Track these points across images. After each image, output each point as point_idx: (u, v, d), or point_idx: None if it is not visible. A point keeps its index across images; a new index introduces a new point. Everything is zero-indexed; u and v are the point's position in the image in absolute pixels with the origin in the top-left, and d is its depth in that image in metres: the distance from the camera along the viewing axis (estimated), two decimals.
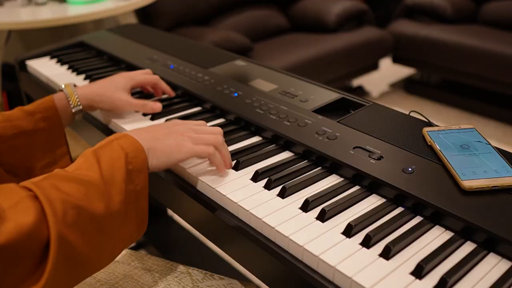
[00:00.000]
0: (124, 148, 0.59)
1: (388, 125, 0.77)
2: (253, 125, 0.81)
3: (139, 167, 0.60)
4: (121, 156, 0.58)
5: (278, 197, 0.64)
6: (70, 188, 0.51)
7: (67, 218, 0.49)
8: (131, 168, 0.58)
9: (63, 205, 0.49)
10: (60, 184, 0.51)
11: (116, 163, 0.57)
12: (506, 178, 0.60)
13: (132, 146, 0.60)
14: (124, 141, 0.61)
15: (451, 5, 2.78)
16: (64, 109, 0.83)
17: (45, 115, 0.80)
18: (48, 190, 0.49)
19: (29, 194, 0.48)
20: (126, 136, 0.62)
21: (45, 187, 0.50)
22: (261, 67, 1.04)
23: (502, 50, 2.40)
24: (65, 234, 0.48)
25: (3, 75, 1.95)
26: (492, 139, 2.37)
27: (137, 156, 0.60)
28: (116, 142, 0.60)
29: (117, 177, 0.56)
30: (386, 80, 3.16)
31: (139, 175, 0.59)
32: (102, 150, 0.59)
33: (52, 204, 0.48)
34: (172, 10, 2.45)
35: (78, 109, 0.84)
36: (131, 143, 0.61)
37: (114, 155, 0.58)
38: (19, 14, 1.80)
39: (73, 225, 0.49)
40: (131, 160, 0.59)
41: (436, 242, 0.55)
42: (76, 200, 0.51)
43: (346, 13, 2.70)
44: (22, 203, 0.47)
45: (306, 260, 0.55)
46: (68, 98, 0.83)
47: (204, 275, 0.72)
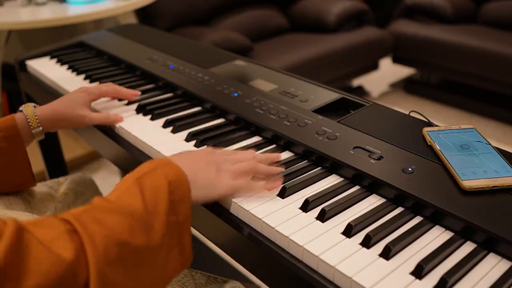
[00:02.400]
0: (167, 177, 0.56)
1: (388, 125, 0.77)
2: (253, 125, 0.81)
3: (182, 197, 0.56)
4: (165, 185, 0.55)
5: (278, 197, 0.64)
6: (112, 222, 0.48)
7: (109, 255, 0.45)
8: (173, 198, 0.55)
9: (105, 241, 0.46)
10: (102, 217, 0.48)
11: (160, 193, 0.54)
12: (506, 178, 0.60)
13: (176, 175, 0.57)
14: (168, 170, 0.57)
15: (451, 5, 2.78)
16: (24, 129, 0.81)
17: (6, 135, 0.78)
18: (89, 224, 0.46)
19: (68, 228, 0.45)
20: (169, 163, 0.59)
21: (86, 220, 0.46)
22: (261, 67, 1.04)
23: (502, 50, 2.40)
24: (107, 272, 0.44)
25: (3, 75, 1.95)
26: (492, 139, 2.37)
27: (181, 186, 0.56)
28: (160, 170, 0.57)
29: (160, 208, 0.53)
30: (386, 80, 3.16)
31: (181, 206, 0.56)
32: (146, 178, 0.55)
33: (93, 240, 0.45)
34: (172, 10, 2.45)
35: (38, 131, 0.82)
36: (174, 172, 0.57)
37: (158, 184, 0.55)
38: (19, 14, 1.80)
39: (115, 262, 0.46)
40: (174, 190, 0.55)
41: (436, 242, 0.55)
42: (118, 235, 0.47)
43: (346, 13, 2.70)
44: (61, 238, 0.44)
45: (306, 260, 0.55)
46: (27, 119, 0.81)
47: (207, 278, 0.72)
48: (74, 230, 0.45)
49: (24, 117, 0.81)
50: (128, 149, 0.82)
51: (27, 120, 0.81)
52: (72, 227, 0.45)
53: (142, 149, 0.81)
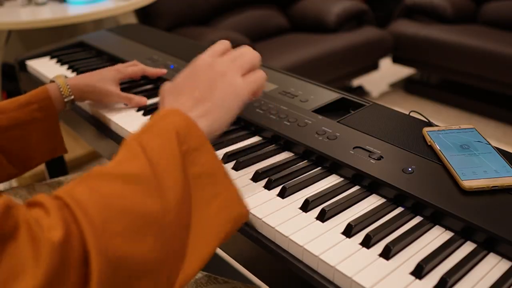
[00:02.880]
0: (173, 127, 0.49)
1: (388, 125, 0.77)
2: (253, 125, 0.81)
3: (196, 145, 0.49)
4: (171, 136, 0.48)
5: (278, 197, 0.64)
6: (111, 188, 0.42)
7: (110, 227, 0.40)
8: (186, 148, 0.48)
9: (103, 211, 0.40)
10: (98, 185, 0.42)
11: (166, 147, 0.47)
12: (506, 178, 0.60)
13: (181, 123, 0.50)
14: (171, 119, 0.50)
15: (451, 5, 2.78)
16: (57, 99, 0.84)
17: (41, 105, 0.81)
18: (83, 196, 0.41)
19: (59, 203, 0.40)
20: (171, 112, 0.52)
21: (78, 193, 0.41)
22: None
23: (502, 50, 2.40)
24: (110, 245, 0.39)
25: (3, 75, 1.95)
26: (492, 139, 2.37)
27: (190, 133, 0.50)
28: (162, 122, 0.50)
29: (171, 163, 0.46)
30: (386, 80, 3.16)
31: (201, 155, 0.49)
32: (147, 136, 0.49)
33: (87, 212, 0.39)
34: (172, 10, 2.45)
35: (70, 99, 0.86)
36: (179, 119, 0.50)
37: (162, 137, 0.48)
38: (19, 14, 1.80)
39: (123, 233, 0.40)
40: (184, 139, 0.49)
41: (436, 242, 0.55)
42: (120, 201, 0.42)
43: (346, 13, 2.70)
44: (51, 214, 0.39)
45: (306, 260, 0.55)
46: (60, 88, 0.85)
47: (208, 278, 0.72)
48: (64, 204, 0.40)
49: (56, 86, 0.85)
50: None
51: (59, 90, 0.85)
52: (62, 201, 0.40)
53: None
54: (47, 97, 0.82)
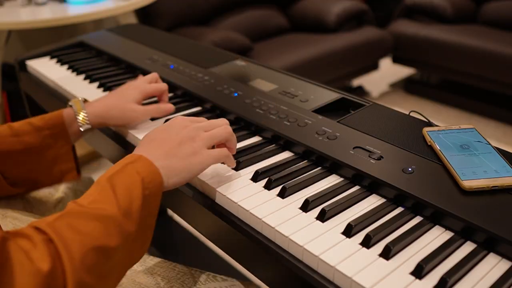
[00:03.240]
0: (139, 172, 0.56)
1: (388, 125, 0.77)
2: (253, 125, 0.81)
3: (155, 191, 0.56)
4: (138, 182, 0.55)
5: (278, 197, 0.64)
6: (87, 227, 0.48)
7: (86, 262, 0.45)
8: (147, 193, 0.55)
9: (81, 248, 0.46)
10: (76, 223, 0.48)
11: (133, 191, 0.54)
12: (506, 178, 0.60)
13: (147, 170, 0.57)
14: (140, 165, 0.57)
15: (451, 5, 2.78)
16: (72, 126, 0.80)
17: (53, 132, 0.78)
18: (65, 232, 0.46)
19: (44, 238, 0.45)
20: (140, 158, 0.58)
21: (60, 228, 0.46)
22: (261, 67, 1.04)
23: (502, 50, 2.40)
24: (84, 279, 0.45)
25: (3, 75, 1.95)
26: (492, 139, 2.37)
27: (153, 180, 0.56)
28: (131, 166, 0.57)
29: (134, 207, 0.53)
30: (386, 80, 3.16)
31: (154, 200, 0.56)
32: (118, 177, 0.55)
33: (69, 248, 0.45)
34: (172, 10, 2.45)
35: (87, 128, 0.81)
36: (146, 167, 0.57)
37: (131, 181, 0.55)
38: (19, 14, 1.80)
39: (92, 268, 0.46)
40: (147, 185, 0.55)
41: (436, 242, 0.55)
42: (94, 240, 0.47)
43: (346, 13, 2.70)
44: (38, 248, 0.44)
45: (306, 260, 0.55)
46: (76, 115, 0.80)
47: (206, 277, 0.72)
48: (49, 239, 0.45)
49: (73, 113, 0.80)
50: (128, 149, 0.83)
51: (75, 117, 0.80)
52: (48, 236, 0.45)
53: None
54: (61, 124, 0.78)
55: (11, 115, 2.02)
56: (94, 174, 2.10)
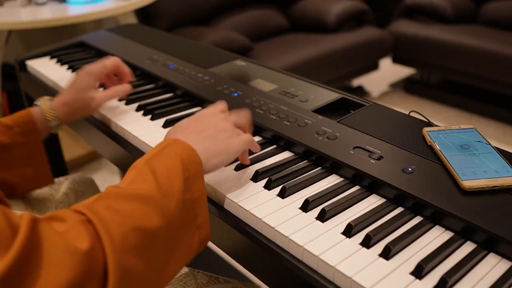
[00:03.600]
0: (178, 154, 0.55)
1: (388, 125, 0.77)
2: (253, 125, 0.81)
3: (196, 173, 0.55)
4: (177, 163, 0.54)
5: (278, 197, 0.64)
6: (127, 207, 0.47)
7: (126, 243, 0.44)
8: (187, 175, 0.54)
9: (121, 228, 0.44)
10: (115, 204, 0.47)
11: (173, 171, 0.53)
12: (506, 178, 0.60)
13: (186, 151, 0.56)
14: (177, 147, 0.56)
15: (451, 5, 2.78)
16: (41, 124, 0.81)
17: (23, 129, 0.78)
18: (103, 213, 0.45)
19: (82, 218, 0.44)
20: (177, 141, 0.58)
21: (99, 209, 0.45)
22: (261, 67, 1.04)
23: (502, 50, 2.40)
24: (125, 260, 0.43)
25: (3, 75, 1.95)
26: (492, 139, 2.37)
27: (193, 161, 0.56)
28: (169, 149, 0.56)
29: (175, 187, 0.52)
30: (386, 80, 3.16)
31: (196, 182, 0.55)
32: (156, 159, 0.54)
33: (108, 229, 0.43)
34: (172, 10, 2.45)
35: (55, 124, 0.82)
36: (184, 148, 0.57)
37: (170, 162, 0.54)
38: (19, 14, 1.80)
39: (134, 249, 0.44)
40: (187, 166, 0.54)
41: (436, 242, 0.55)
42: (135, 220, 0.46)
43: (346, 13, 2.70)
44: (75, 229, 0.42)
45: (306, 260, 0.55)
46: (43, 113, 0.81)
47: (209, 278, 0.72)
48: (88, 220, 0.44)
49: (40, 111, 0.81)
50: (128, 149, 0.83)
51: (43, 114, 0.81)
52: (86, 217, 0.44)
53: (142, 149, 0.81)
54: (30, 121, 0.79)
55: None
56: (94, 174, 2.10)
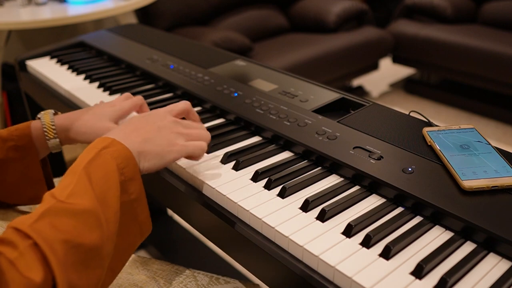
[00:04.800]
0: (114, 157, 0.56)
1: (388, 125, 0.77)
2: (253, 125, 0.81)
3: (131, 175, 0.57)
4: (113, 168, 0.55)
5: (278, 197, 0.64)
6: (68, 225, 0.48)
7: (69, 260, 0.46)
8: (123, 179, 0.56)
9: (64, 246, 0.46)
10: (57, 222, 0.47)
11: (110, 178, 0.54)
12: (506, 178, 0.60)
13: (122, 155, 0.57)
14: (114, 150, 0.57)
15: (451, 5, 2.78)
16: (39, 139, 0.73)
17: (18, 144, 0.71)
18: (47, 233, 0.46)
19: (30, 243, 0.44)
20: (114, 143, 0.58)
21: (42, 230, 0.46)
22: (261, 67, 1.04)
23: (502, 50, 2.40)
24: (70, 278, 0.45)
25: (3, 75, 1.95)
26: (492, 139, 2.37)
27: (128, 164, 0.57)
28: (106, 152, 0.56)
29: (111, 195, 0.53)
30: (386, 80, 3.16)
31: (132, 184, 0.57)
32: (94, 166, 0.54)
33: (54, 249, 0.45)
34: (172, 10, 2.45)
35: (54, 143, 0.73)
36: (121, 151, 0.57)
37: (106, 168, 0.55)
38: (19, 14, 1.80)
39: (76, 264, 0.46)
40: (123, 170, 0.56)
41: (436, 242, 0.55)
42: (75, 237, 0.47)
43: (346, 13, 2.70)
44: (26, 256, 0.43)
45: (306, 260, 0.55)
46: (44, 128, 0.73)
47: (209, 279, 0.72)
48: (34, 243, 0.45)
49: (40, 125, 0.73)
50: None
51: (43, 130, 0.73)
52: (32, 241, 0.45)
53: None
54: (27, 135, 0.72)
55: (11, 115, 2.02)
56: None
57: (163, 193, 0.76)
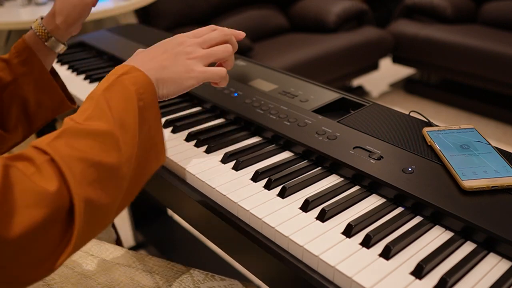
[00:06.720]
0: (133, 83, 0.56)
1: (388, 125, 0.77)
2: (253, 125, 0.81)
3: (150, 102, 0.57)
4: (132, 94, 0.55)
5: (278, 197, 0.64)
6: (85, 145, 0.49)
7: (86, 178, 0.47)
8: (142, 104, 0.56)
9: (81, 165, 0.47)
10: (74, 142, 0.49)
11: (128, 103, 0.55)
12: (506, 178, 0.60)
13: (141, 81, 0.57)
14: (133, 76, 0.58)
15: (451, 5, 2.78)
16: (37, 45, 0.76)
17: (22, 59, 0.74)
18: (64, 151, 0.47)
19: (47, 158, 0.46)
20: (132, 69, 0.59)
21: (60, 147, 0.47)
22: (261, 67, 1.04)
23: (502, 50, 2.40)
24: (87, 194, 0.46)
25: None
26: (492, 139, 2.37)
27: (147, 90, 0.57)
28: (125, 78, 0.57)
29: (130, 119, 0.54)
30: (386, 80, 3.16)
31: (150, 110, 0.57)
32: (112, 91, 0.55)
33: (70, 166, 0.46)
34: (172, 10, 2.45)
35: (52, 42, 0.77)
36: (139, 78, 0.58)
37: (125, 93, 0.55)
38: (19, 14, 1.80)
39: (93, 183, 0.47)
40: (142, 96, 0.56)
41: (436, 242, 0.55)
42: (93, 156, 0.48)
43: (346, 13, 2.70)
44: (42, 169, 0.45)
45: (306, 260, 0.55)
46: (36, 33, 0.76)
47: (205, 276, 0.72)
48: (51, 159, 0.46)
49: (32, 33, 0.76)
50: None
51: (36, 35, 0.76)
52: (49, 156, 0.46)
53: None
54: (25, 48, 0.75)
55: None
56: None
57: (163, 192, 0.76)
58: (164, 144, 0.60)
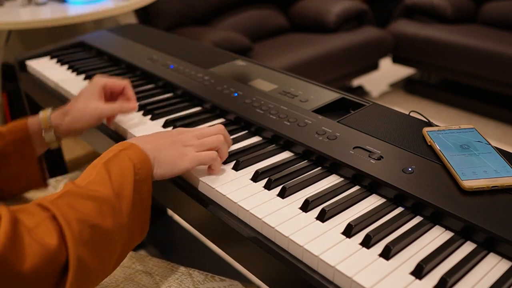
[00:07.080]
0: (132, 159, 0.61)
1: (388, 125, 0.77)
2: (253, 125, 0.81)
3: (145, 177, 0.61)
4: (130, 167, 0.60)
5: (278, 197, 0.64)
6: (85, 207, 0.52)
7: (83, 238, 0.50)
8: (138, 178, 0.60)
9: (79, 225, 0.50)
10: (75, 203, 0.52)
11: (126, 175, 0.59)
12: (506, 178, 0.60)
13: (139, 157, 0.62)
14: (132, 152, 0.62)
15: (451, 5, 2.78)
16: (36, 134, 0.78)
17: (15, 138, 0.77)
18: (65, 210, 0.50)
19: (48, 215, 0.49)
20: (132, 146, 0.63)
21: (61, 206, 0.50)
22: (261, 67, 1.04)
23: (502, 50, 2.40)
24: (82, 254, 0.49)
25: (3, 75, 1.95)
26: (492, 139, 2.37)
27: (144, 166, 0.62)
28: (124, 153, 0.62)
29: (126, 190, 0.58)
30: (386, 80, 3.16)
31: (144, 185, 0.61)
32: (112, 163, 0.60)
33: (70, 224, 0.49)
34: (172, 10, 2.45)
35: (49, 135, 0.79)
36: (138, 154, 0.62)
37: (124, 167, 0.59)
38: (19, 14, 1.80)
39: (88, 244, 0.50)
40: (138, 171, 0.60)
41: (436, 242, 0.55)
42: (91, 218, 0.52)
43: (346, 13, 2.70)
44: (44, 225, 0.48)
45: (306, 260, 0.55)
46: (40, 122, 0.78)
47: (205, 277, 0.72)
48: (53, 216, 0.49)
49: (37, 120, 0.78)
50: None
51: (39, 123, 0.78)
52: (51, 213, 0.49)
53: None
54: (23, 130, 0.77)
55: (11, 115, 2.02)
56: None
57: (163, 192, 0.76)
58: (149, 219, 0.63)
